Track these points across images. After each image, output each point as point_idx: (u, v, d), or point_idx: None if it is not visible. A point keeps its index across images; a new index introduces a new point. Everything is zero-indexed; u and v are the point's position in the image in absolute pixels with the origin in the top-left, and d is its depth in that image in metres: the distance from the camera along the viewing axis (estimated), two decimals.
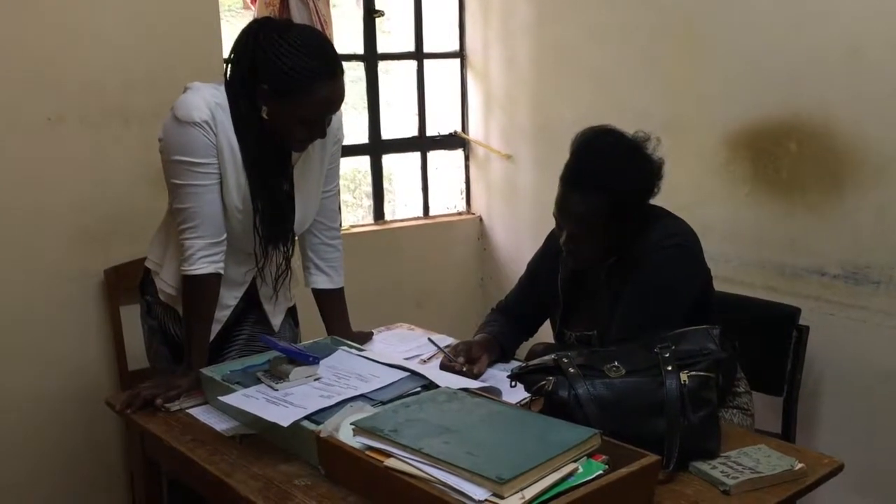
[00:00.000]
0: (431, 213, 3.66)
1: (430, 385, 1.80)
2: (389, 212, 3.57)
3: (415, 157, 3.61)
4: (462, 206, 3.75)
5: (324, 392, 1.77)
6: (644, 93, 2.88)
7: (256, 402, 1.73)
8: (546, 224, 3.38)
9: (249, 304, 2.17)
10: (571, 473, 1.38)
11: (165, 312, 2.14)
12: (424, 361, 2.18)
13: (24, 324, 2.58)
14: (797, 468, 1.54)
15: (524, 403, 1.84)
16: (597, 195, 1.89)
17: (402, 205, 3.67)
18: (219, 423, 1.84)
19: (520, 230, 3.53)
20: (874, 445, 2.37)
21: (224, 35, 2.88)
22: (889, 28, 2.24)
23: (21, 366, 2.59)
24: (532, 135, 3.39)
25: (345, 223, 3.24)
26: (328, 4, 3.00)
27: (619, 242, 1.95)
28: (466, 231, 3.69)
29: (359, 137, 3.39)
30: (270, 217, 2.02)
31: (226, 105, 1.94)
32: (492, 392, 1.83)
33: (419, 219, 3.63)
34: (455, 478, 1.36)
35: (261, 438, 1.75)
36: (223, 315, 2.10)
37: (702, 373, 1.63)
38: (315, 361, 1.85)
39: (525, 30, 3.35)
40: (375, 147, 3.46)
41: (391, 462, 1.44)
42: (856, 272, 2.37)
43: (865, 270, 2.35)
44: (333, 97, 1.93)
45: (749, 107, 2.58)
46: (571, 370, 1.66)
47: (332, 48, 1.97)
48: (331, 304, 2.27)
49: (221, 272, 2.01)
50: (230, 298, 2.11)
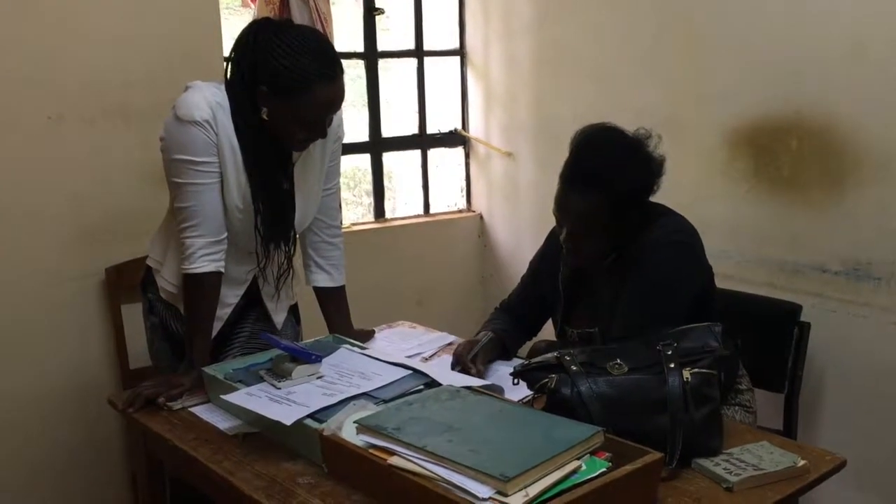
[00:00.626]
0: (432, 211, 3.66)
1: (433, 383, 1.80)
2: (390, 210, 3.57)
3: (415, 155, 3.60)
4: (463, 204, 3.75)
5: (326, 390, 1.77)
6: (644, 90, 2.88)
7: (259, 401, 1.73)
8: (547, 222, 3.38)
9: (250, 302, 2.17)
10: (575, 471, 1.38)
11: (167, 310, 2.14)
12: (426, 359, 2.18)
13: (26, 323, 2.58)
14: (800, 465, 1.54)
15: (527, 401, 1.84)
16: (596, 193, 1.88)
17: (403, 203, 3.67)
18: (221, 422, 1.84)
19: (520, 228, 3.53)
20: (876, 441, 2.37)
21: (224, 33, 2.88)
22: (891, 25, 2.23)
23: (22, 365, 2.59)
24: (532, 132, 3.39)
25: (345, 221, 3.24)
26: (328, 2, 3.00)
27: (620, 239, 1.95)
28: (467, 229, 3.69)
29: (359, 135, 3.39)
30: (271, 216, 2.02)
31: (227, 104, 1.94)
32: (494, 390, 1.83)
33: (420, 217, 3.63)
34: (459, 476, 1.36)
35: (264, 437, 1.75)
36: (224, 313, 2.10)
37: (704, 370, 1.63)
38: (317, 360, 1.85)
39: (525, 27, 3.35)
40: (376, 145, 3.46)
41: (395, 460, 1.44)
42: (857, 268, 2.37)
43: (867, 267, 2.35)
44: (333, 98, 1.93)
45: (750, 104, 2.57)
46: (574, 368, 1.66)
47: (332, 49, 1.97)
48: (332, 302, 2.27)
49: (222, 270, 2.01)
50: (231, 297, 2.11)
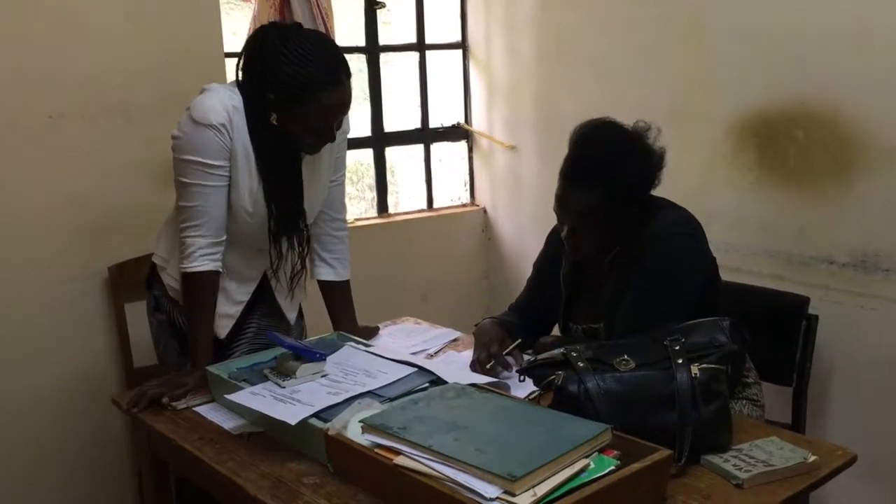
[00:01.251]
0: (435, 206, 3.64)
1: (438, 381, 1.79)
2: (392, 205, 3.55)
3: (418, 150, 3.58)
4: (466, 198, 3.73)
5: (331, 389, 1.76)
6: (648, 82, 2.86)
7: (263, 400, 1.72)
8: (551, 215, 3.37)
9: (258, 298, 2.17)
10: (583, 469, 1.37)
11: (174, 306, 2.14)
12: (431, 356, 2.17)
13: (29, 323, 2.57)
14: (810, 460, 1.53)
15: (533, 398, 1.83)
16: (595, 189, 1.87)
17: (406, 197, 3.65)
18: (226, 421, 1.83)
19: (524, 221, 3.51)
20: (885, 435, 2.35)
21: (225, 29, 2.86)
22: None
23: (26, 365, 2.58)
24: (536, 125, 3.36)
25: (348, 216, 3.21)
26: None
27: (622, 234, 1.93)
28: (470, 223, 3.67)
29: (361, 130, 3.37)
30: (283, 215, 2.02)
31: (242, 107, 1.94)
32: (500, 387, 1.82)
33: (423, 211, 3.61)
34: (465, 475, 1.34)
35: (269, 436, 1.74)
36: (236, 310, 2.11)
37: (713, 365, 1.61)
38: (322, 358, 1.84)
39: (528, 19, 3.32)
40: (378, 139, 3.44)
41: (400, 460, 1.42)
42: (865, 260, 2.35)
43: (875, 258, 2.32)
44: (340, 104, 1.94)
45: (755, 95, 2.55)
46: (581, 364, 1.64)
47: (338, 54, 1.96)
48: (336, 297, 2.27)
49: (221, 270, 2.02)
50: (242, 294, 2.12)
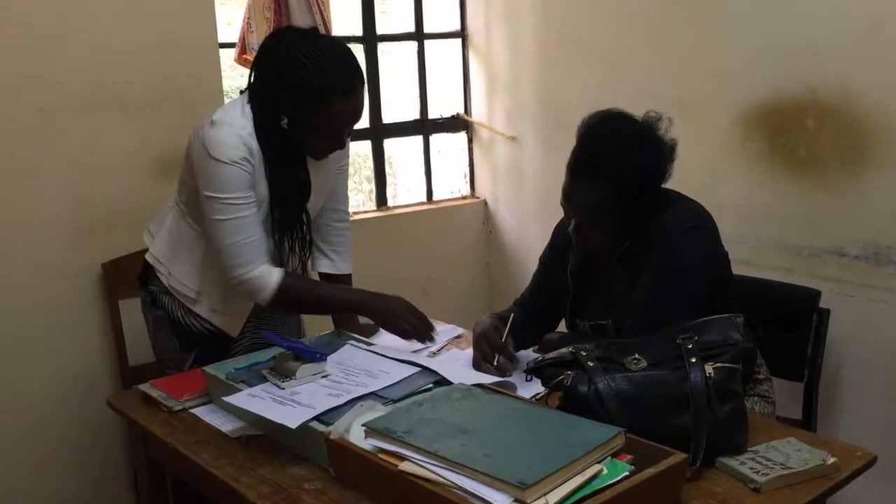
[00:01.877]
0: (435, 198, 3.58)
1: (442, 381, 1.74)
2: (391, 197, 3.49)
3: (417, 141, 3.52)
4: (466, 190, 3.67)
5: (332, 390, 1.70)
6: (654, 70, 2.80)
7: (262, 403, 1.67)
8: (553, 207, 3.30)
9: None
10: (596, 475, 1.31)
11: (173, 302, 2.10)
12: (434, 354, 2.11)
13: (22, 320, 2.52)
14: (829, 462, 1.47)
15: (540, 397, 1.78)
16: (603, 183, 1.82)
17: (405, 190, 3.59)
18: (224, 424, 1.78)
19: (526, 213, 3.46)
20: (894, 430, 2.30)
21: (219, 20, 2.79)
22: None
23: (20, 363, 2.53)
24: (537, 116, 3.30)
25: None
26: None
27: (631, 229, 1.88)
28: (471, 215, 3.61)
29: (359, 121, 3.30)
30: (288, 213, 2.01)
31: (253, 127, 1.93)
32: (507, 387, 1.76)
33: (423, 204, 3.56)
34: (474, 482, 1.29)
35: (268, 439, 1.68)
36: (246, 308, 2.09)
37: (727, 364, 1.56)
38: (322, 358, 1.79)
39: (529, 7, 3.25)
40: (376, 131, 3.38)
41: (405, 466, 1.37)
42: (877, 252, 2.29)
43: (887, 250, 2.27)
44: (352, 111, 1.93)
45: (764, 83, 2.49)
46: (590, 364, 1.59)
47: (353, 61, 1.94)
48: None
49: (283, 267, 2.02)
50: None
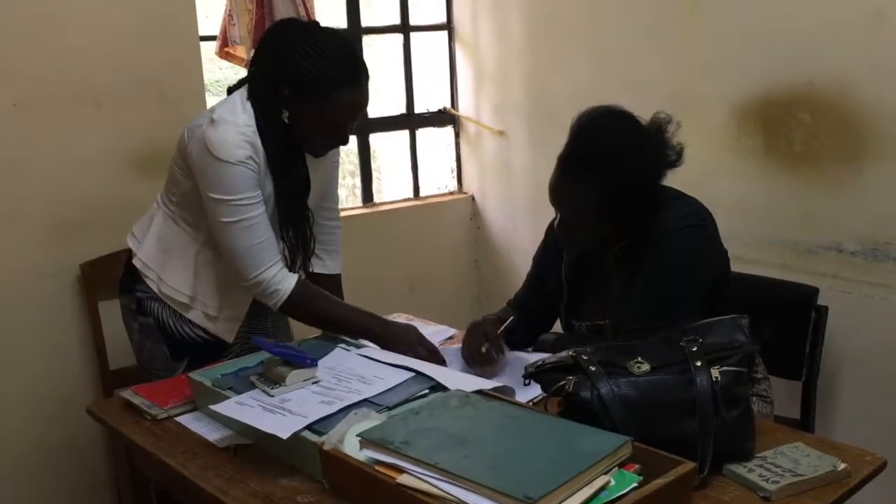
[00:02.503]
0: (422, 194, 3.52)
1: (438, 386, 1.68)
2: (377, 193, 3.42)
3: (403, 136, 3.46)
4: (453, 186, 3.62)
5: (324, 397, 1.64)
6: (645, 63, 2.75)
7: (251, 411, 1.60)
8: (542, 202, 3.24)
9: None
10: (604, 487, 1.26)
11: (163, 309, 2.02)
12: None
13: None
14: (840, 468, 1.43)
15: (538, 401, 1.73)
16: (590, 182, 1.77)
17: (391, 186, 3.53)
18: (210, 433, 1.71)
19: (514, 209, 3.40)
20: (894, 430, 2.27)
21: (199, 11, 2.71)
22: None
23: None
24: (526, 109, 3.25)
25: None
26: None
27: (623, 228, 1.83)
28: (458, 211, 3.56)
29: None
30: (291, 209, 1.95)
31: (254, 124, 1.86)
32: (505, 391, 1.71)
33: (409, 200, 3.50)
34: (476, 496, 1.23)
35: (258, 449, 1.62)
36: (242, 313, 2.03)
37: (734, 368, 1.51)
38: (313, 363, 1.72)
39: None
40: (362, 126, 3.31)
41: (404, 479, 1.31)
42: (875, 248, 2.26)
43: (886, 246, 2.24)
44: (355, 105, 1.87)
45: (759, 75, 2.45)
46: (592, 368, 1.53)
47: (358, 53, 1.89)
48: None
49: (298, 273, 1.97)
50: (247, 297, 2.02)
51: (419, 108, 3.47)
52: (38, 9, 2.39)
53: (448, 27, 3.47)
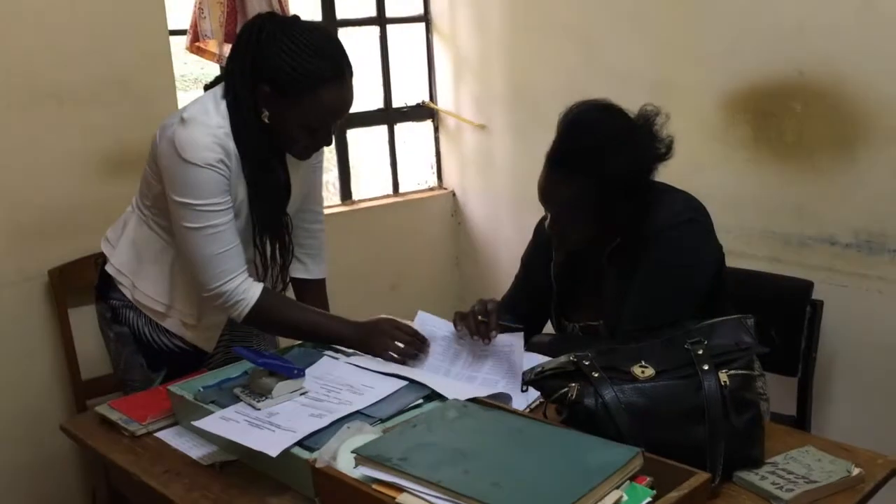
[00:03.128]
0: (401, 190, 3.44)
1: (432, 395, 1.60)
2: (355, 190, 3.34)
3: (381, 131, 3.37)
4: (433, 182, 3.54)
5: (314, 409, 1.56)
6: (631, 52, 2.69)
7: (237, 427, 1.52)
8: (524, 196, 3.18)
9: None
10: (617, 503, 1.19)
11: (138, 317, 1.93)
12: None
13: None
14: (854, 473, 1.38)
15: (535, 407, 1.67)
16: (581, 179, 1.71)
17: (370, 182, 3.44)
18: (193, 449, 1.62)
19: (496, 204, 3.34)
20: (891, 426, 2.23)
21: (167, 4, 2.61)
22: None
23: None
24: (507, 102, 3.18)
25: None
26: None
27: (614, 226, 1.77)
28: (439, 207, 3.49)
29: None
30: (268, 215, 1.86)
31: (229, 124, 1.76)
32: (501, 398, 1.64)
33: (388, 196, 3.42)
34: None
35: (244, 465, 1.54)
36: (222, 321, 1.94)
37: (742, 371, 1.45)
38: (300, 374, 1.64)
39: None
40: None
41: (404, 498, 1.23)
42: (870, 240, 2.22)
43: (881, 238, 2.20)
44: (340, 103, 1.77)
45: (748, 65, 2.39)
46: (595, 374, 1.47)
47: (341, 48, 1.78)
48: (308, 298, 2.08)
49: (265, 284, 1.86)
50: None
51: (397, 103, 3.39)
52: None
53: (425, 18, 3.39)
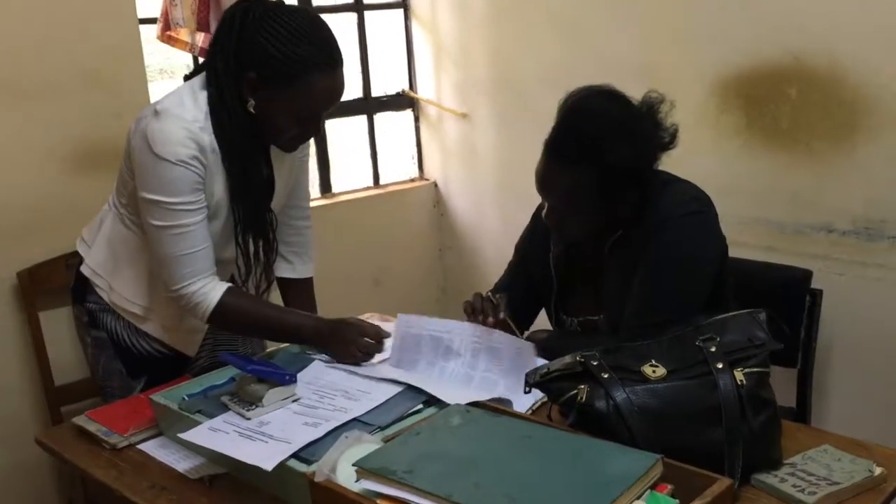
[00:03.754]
0: (382, 182, 3.35)
1: (431, 399, 1.53)
2: (335, 183, 3.24)
3: (360, 121, 3.27)
4: (415, 172, 3.45)
5: (307, 418, 1.48)
6: (619, 36, 2.62)
7: (227, 439, 1.43)
8: (509, 186, 3.14)
9: None
10: None
11: (116, 321, 1.83)
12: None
13: None
14: (877, 473, 1.33)
15: (536, 408, 1.62)
16: (581, 169, 1.64)
17: (348, 175, 3.34)
18: (178, 462, 1.54)
19: (480, 194, 3.26)
20: (892, 417, 2.20)
21: None
22: None
23: None
24: (490, 90, 3.09)
25: None
26: None
27: (615, 217, 1.71)
28: (421, 199, 3.40)
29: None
30: (252, 213, 1.77)
31: (207, 114, 1.66)
32: (502, 402, 1.56)
33: (369, 189, 3.33)
34: None
35: (235, 478, 1.45)
36: (202, 324, 1.83)
37: (757, 368, 1.39)
38: (292, 380, 1.55)
39: None
40: None
41: None
42: (868, 227, 2.18)
43: (880, 224, 2.15)
44: (332, 90, 1.68)
45: (741, 49, 2.33)
46: (605, 375, 1.40)
47: (332, 34, 1.69)
48: (294, 298, 2.02)
49: (227, 282, 1.76)
50: None
51: (376, 92, 3.29)
52: None
53: (404, 4, 3.29)
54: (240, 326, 1.83)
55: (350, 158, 3.34)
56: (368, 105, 3.26)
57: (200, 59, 2.63)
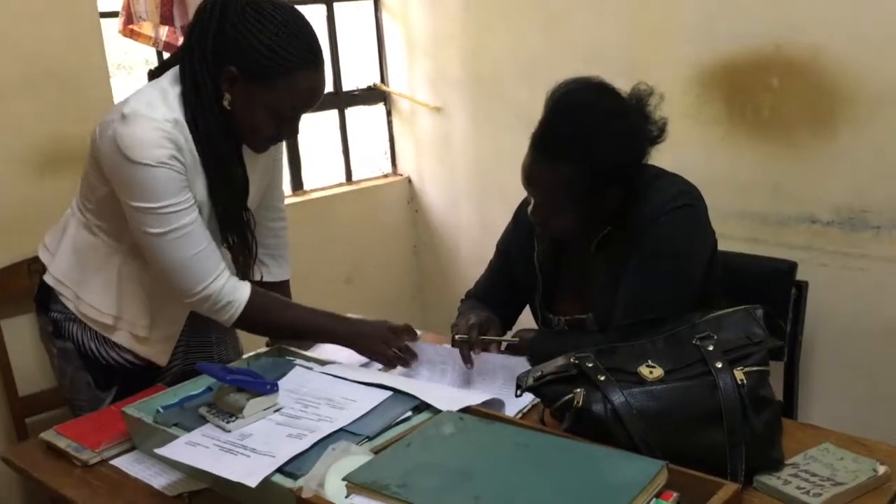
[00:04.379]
0: (354, 178, 3.28)
1: (421, 405, 1.47)
2: (306, 179, 3.16)
3: (331, 116, 3.19)
4: (388, 168, 3.38)
5: (291, 429, 1.41)
6: (597, 27, 2.56)
7: (207, 454, 1.36)
8: (484, 181, 3.08)
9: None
10: None
11: (83, 331, 1.74)
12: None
13: None
14: (881, 472, 1.30)
15: (527, 411, 1.57)
16: (568, 164, 1.59)
17: (321, 171, 3.26)
18: (155, 477, 1.47)
19: (455, 189, 3.20)
20: (876, 410, 2.18)
21: None
22: None
23: None
24: (464, 83, 3.03)
25: None
26: None
27: (603, 214, 1.66)
28: (394, 195, 3.33)
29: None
30: (230, 212, 1.70)
31: (180, 112, 1.58)
32: (494, 405, 1.51)
33: (341, 185, 3.25)
34: None
35: (216, 494, 1.39)
36: (175, 331, 1.79)
37: (757, 367, 1.36)
38: (274, 389, 1.48)
39: None
40: None
41: None
42: (851, 217, 2.16)
43: (863, 215, 2.13)
44: (314, 90, 1.61)
45: (721, 38, 2.29)
46: (601, 377, 1.36)
47: (314, 31, 1.62)
48: None
49: (250, 278, 1.74)
50: (181, 311, 1.77)
51: (347, 86, 3.21)
52: None
53: None
54: (268, 328, 1.75)
55: (321, 154, 3.26)
56: (339, 99, 3.19)
57: (165, 54, 2.54)
